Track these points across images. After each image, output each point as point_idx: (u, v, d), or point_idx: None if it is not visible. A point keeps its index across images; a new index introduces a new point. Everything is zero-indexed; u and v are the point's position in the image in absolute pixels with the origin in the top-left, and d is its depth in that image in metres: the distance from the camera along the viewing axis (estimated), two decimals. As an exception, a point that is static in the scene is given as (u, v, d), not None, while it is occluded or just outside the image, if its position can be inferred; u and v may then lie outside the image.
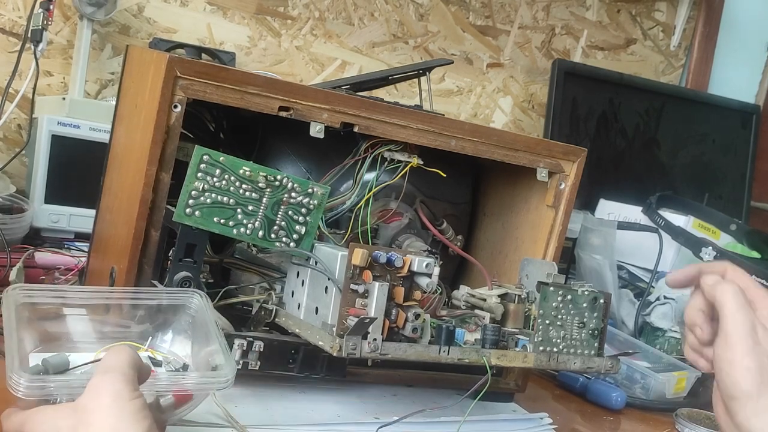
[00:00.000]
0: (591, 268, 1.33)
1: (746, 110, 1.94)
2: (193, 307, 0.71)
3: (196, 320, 0.70)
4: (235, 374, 0.63)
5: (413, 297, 0.74)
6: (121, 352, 0.55)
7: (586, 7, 1.86)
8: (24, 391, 0.53)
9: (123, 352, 0.55)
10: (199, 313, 0.70)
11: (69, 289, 0.72)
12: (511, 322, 0.83)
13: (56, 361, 0.59)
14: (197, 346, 0.70)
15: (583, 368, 0.81)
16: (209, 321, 0.68)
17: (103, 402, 0.51)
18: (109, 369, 0.53)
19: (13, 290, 0.65)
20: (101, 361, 0.54)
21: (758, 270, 1.33)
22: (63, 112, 1.20)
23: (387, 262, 0.73)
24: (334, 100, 0.81)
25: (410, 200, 0.94)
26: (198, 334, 0.70)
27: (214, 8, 1.48)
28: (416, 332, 0.73)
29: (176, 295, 0.72)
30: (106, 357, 0.54)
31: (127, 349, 0.56)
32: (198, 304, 0.71)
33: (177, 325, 0.72)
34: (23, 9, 1.34)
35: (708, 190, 1.82)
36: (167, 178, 0.76)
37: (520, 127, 1.82)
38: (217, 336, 0.66)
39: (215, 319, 0.76)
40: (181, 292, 0.72)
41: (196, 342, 0.70)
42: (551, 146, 0.93)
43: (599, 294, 0.82)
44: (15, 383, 0.53)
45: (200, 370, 0.68)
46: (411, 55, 1.68)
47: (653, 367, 1.10)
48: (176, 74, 0.74)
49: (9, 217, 1.10)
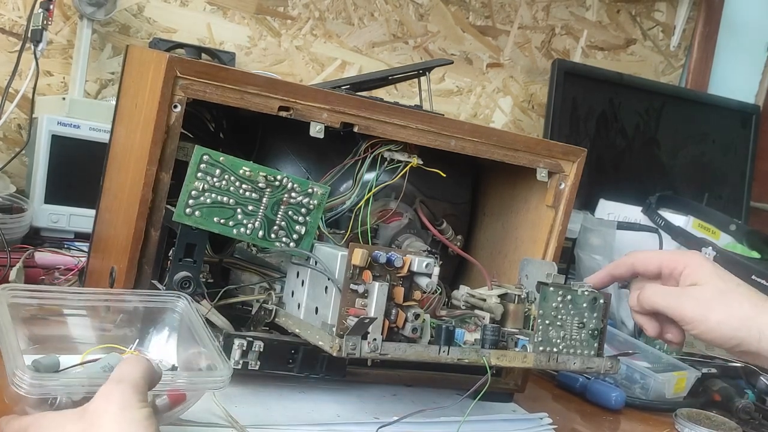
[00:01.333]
0: (591, 268, 1.33)
1: (746, 110, 1.94)
2: (178, 310, 0.71)
3: (182, 323, 0.71)
4: (231, 374, 0.63)
5: (413, 297, 0.74)
6: (135, 363, 0.56)
7: (585, 7, 1.86)
8: (27, 389, 0.53)
9: (137, 363, 0.56)
10: (185, 316, 0.71)
11: (56, 290, 0.72)
12: (511, 322, 0.83)
13: (47, 362, 0.59)
14: (182, 348, 0.70)
15: (583, 368, 0.81)
16: (196, 323, 0.69)
17: (111, 409, 0.52)
18: (122, 379, 0.54)
19: (3, 290, 0.65)
20: (116, 370, 0.55)
21: (758, 270, 1.33)
22: (63, 111, 1.20)
23: (387, 262, 0.73)
24: (334, 100, 0.81)
25: (410, 200, 0.94)
26: (184, 337, 0.70)
27: (214, 8, 1.48)
28: (416, 332, 0.73)
29: (162, 298, 0.73)
30: (121, 366, 0.55)
31: (142, 359, 0.57)
32: (184, 307, 0.71)
33: (161, 328, 0.72)
34: (23, 9, 1.34)
35: (708, 190, 1.82)
36: (167, 178, 0.76)
37: (520, 127, 1.82)
38: (208, 338, 0.67)
39: (213, 320, 0.77)
40: (167, 295, 0.73)
41: (182, 344, 0.70)
42: (551, 146, 0.93)
43: (599, 294, 0.82)
44: (19, 380, 0.53)
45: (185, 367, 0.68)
46: (411, 55, 1.68)
47: (653, 367, 1.10)
48: (176, 74, 0.74)
49: (9, 217, 1.10)
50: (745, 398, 1.08)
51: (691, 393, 1.10)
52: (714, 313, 0.76)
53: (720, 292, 0.77)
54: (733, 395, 1.08)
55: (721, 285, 0.78)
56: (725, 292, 0.77)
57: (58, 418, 0.53)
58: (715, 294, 0.77)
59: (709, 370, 1.15)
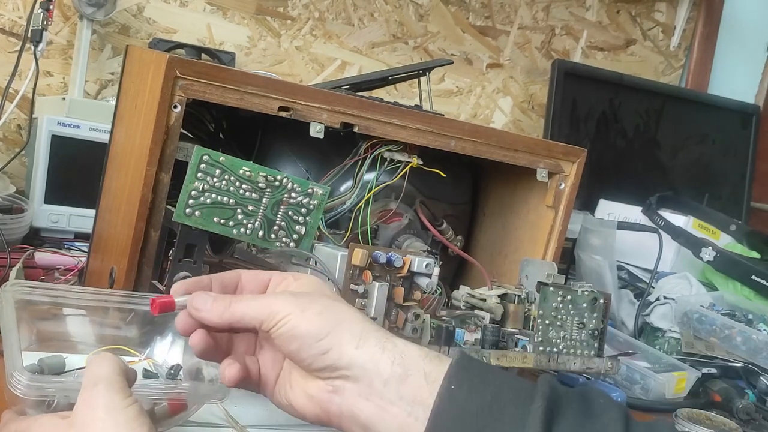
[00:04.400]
0: (591, 268, 1.33)
1: (746, 110, 1.94)
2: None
3: None
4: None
5: (413, 297, 0.74)
6: (104, 361, 0.53)
7: (585, 7, 1.86)
8: (23, 390, 0.53)
9: (106, 360, 0.53)
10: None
11: (66, 289, 0.72)
12: (511, 322, 0.83)
13: (52, 362, 0.59)
14: (188, 355, 0.69)
15: (583, 369, 0.81)
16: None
17: (97, 415, 0.50)
18: (97, 380, 0.51)
19: (11, 286, 0.64)
20: (87, 374, 0.52)
21: (758, 270, 1.33)
22: (63, 112, 1.20)
23: (387, 262, 0.73)
24: (333, 100, 0.81)
25: (410, 201, 0.94)
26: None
27: (214, 8, 1.48)
28: (416, 332, 0.73)
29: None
30: (91, 368, 0.52)
31: (109, 356, 0.54)
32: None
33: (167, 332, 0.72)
34: (23, 9, 1.34)
35: (708, 191, 1.82)
36: (167, 178, 0.76)
37: (520, 127, 1.82)
38: None
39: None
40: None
41: (188, 351, 0.69)
42: (551, 147, 0.93)
43: (599, 294, 0.82)
44: (16, 381, 0.53)
45: (190, 376, 0.68)
46: (411, 55, 1.68)
47: (653, 367, 1.10)
48: (176, 74, 0.74)
49: (9, 217, 1.10)
50: (746, 398, 1.08)
51: (691, 393, 1.10)
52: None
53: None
54: (733, 395, 1.08)
55: None
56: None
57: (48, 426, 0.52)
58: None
59: (709, 370, 1.15)
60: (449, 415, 0.51)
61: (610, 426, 0.50)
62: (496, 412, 0.51)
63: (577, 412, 0.51)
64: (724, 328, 1.19)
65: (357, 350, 0.54)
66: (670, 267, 1.43)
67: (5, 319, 0.60)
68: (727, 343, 1.18)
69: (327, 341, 0.54)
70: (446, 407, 0.51)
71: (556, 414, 0.51)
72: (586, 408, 0.52)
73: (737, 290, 1.36)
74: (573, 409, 0.51)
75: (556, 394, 0.52)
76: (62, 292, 0.71)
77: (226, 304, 0.57)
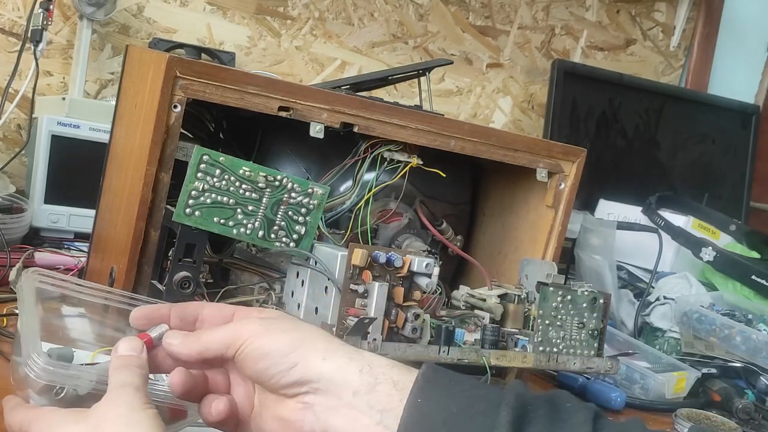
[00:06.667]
0: (591, 268, 1.33)
1: (746, 110, 1.94)
2: None
3: None
4: None
5: (413, 297, 0.74)
6: (134, 368, 0.55)
7: (585, 7, 1.86)
8: (38, 373, 0.53)
9: (136, 368, 0.55)
10: None
11: (81, 284, 0.71)
12: (511, 322, 0.83)
13: (62, 354, 0.59)
14: None
15: (583, 368, 0.81)
16: None
17: (119, 411, 0.52)
18: (124, 384, 0.53)
19: (33, 272, 0.65)
20: (114, 375, 0.54)
21: (758, 270, 1.33)
22: (63, 112, 1.20)
23: (387, 262, 0.73)
24: (333, 100, 0.81)
25: (410, 200, 0.94)
26: None
27: (214, 8, 1.48)
28: (416, 332, 0.73)
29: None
30: (121, 371, 0.55)
31: (138, 363, 0.56)
32: None
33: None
34: (23, 9, 1.34)
35: (708, 191, 1.82)
36: (167, 178, 0.76)
37: (520, 127, 1.82)
38: None
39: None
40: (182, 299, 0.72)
41: None
42: (551, 146, 0.93)
43: (599, 294, 0.82)
44: (33, 363, 0.53)
45: None
46: (411, 55, 1.68)
47: (653, 367, 1.10)
48: (176, 74, 0.74)
49: (9, 217, 1.10)
50: (745, 398, 1.08)
51: (691, 393, 1.10)
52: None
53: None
54: (732, 395, 1.08)
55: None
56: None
57: (63, 417, 0.53)
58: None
59: (708, 370, 1.15)
60: (417, 429, 0.52)
61: (577, 428, 0.51)
62: (462, 423, 0.51)
63: (544, 417, 0.52)
64: (723, 328, 1.19)
65: (324, 361, 0.54)
66: (670, 267, 1.43)
67: (25, 304, 0.61)
68: (727, 343, 1.18)
69: (294, 356, 0.55)
70: (414, 420, 0.52)
71: (524, 421, 0.51)
72: (554, 412, 0.52)
73: (737, 290, 1.36)
74: (540, 416, 0.52)
75: (523, 401, 0.52)
76: (77, 286, 0.70)
77: (195, 337, 0.58)
